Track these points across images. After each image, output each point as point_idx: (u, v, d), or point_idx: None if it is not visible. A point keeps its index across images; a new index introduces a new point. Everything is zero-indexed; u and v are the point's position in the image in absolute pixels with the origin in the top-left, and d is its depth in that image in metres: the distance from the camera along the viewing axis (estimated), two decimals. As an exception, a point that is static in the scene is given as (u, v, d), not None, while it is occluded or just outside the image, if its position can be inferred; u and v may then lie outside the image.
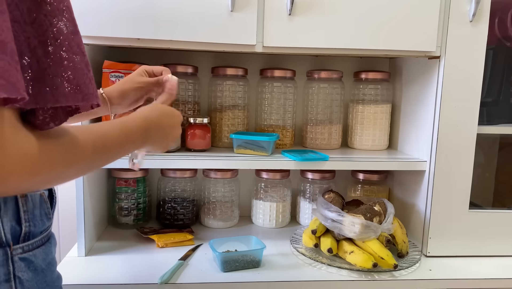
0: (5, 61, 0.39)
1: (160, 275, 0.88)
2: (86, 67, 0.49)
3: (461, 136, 1.00)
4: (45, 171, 0.48)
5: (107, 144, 0.59)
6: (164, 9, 0.91)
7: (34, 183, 0.48)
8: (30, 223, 0.55)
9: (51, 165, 0.49)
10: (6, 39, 0.40)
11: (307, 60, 1.28)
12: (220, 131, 1.15)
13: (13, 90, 0.39)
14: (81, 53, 0.48)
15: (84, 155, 0.54)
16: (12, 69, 0.40)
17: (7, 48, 0.40)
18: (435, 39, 0.97)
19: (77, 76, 0.47)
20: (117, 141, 0.61)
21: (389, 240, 0.97)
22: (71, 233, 1.31)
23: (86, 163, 0.55)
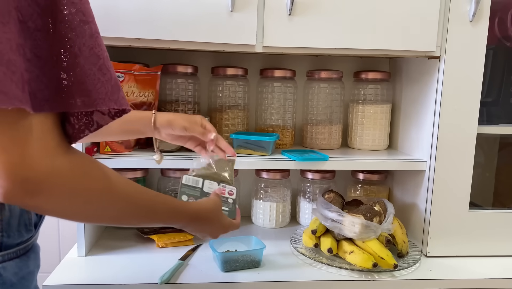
0: (0, 71, 0.40)
1: (160, 275, 0.88)
2: (103, 71, 0.49)
3: (461, 136, 1.00)
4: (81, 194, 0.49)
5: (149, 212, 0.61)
6: (164, 9, 0.91)
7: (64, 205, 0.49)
8: (3, 233, 0.52)
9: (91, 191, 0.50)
10: (4, 50, 0.41)
11: (307, 60, 1.28)
12: (220, 131, 1.15)
13: (6, 100, 0.40)
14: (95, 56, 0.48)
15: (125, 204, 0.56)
16: (6, 79, 0.40)
17: (3, 59, 0.40)
18: (435, 39, 0.97)
19: (106, 80, 0.48)
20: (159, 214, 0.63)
21: (389, 240, 0.97)
22: (71, 233, 1.31)
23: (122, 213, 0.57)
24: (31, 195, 0.45)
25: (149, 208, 0.61)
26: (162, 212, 0.64)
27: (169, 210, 0.65)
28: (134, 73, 1.02)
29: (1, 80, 0.40)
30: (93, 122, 0.52)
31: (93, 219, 0.58)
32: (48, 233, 1.32)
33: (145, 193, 0.60)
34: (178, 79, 1.13)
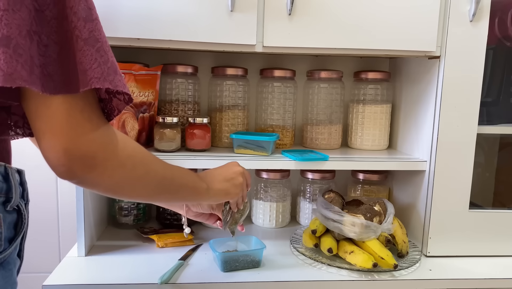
0: (7, 54, 0.44)
1: (160, 275, 0.88)
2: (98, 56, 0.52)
3: (461, 136, 1.00)
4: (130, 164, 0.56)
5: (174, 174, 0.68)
6: (164, 9, 0.91)
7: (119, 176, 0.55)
8: None
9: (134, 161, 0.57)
10: (12, 35, 0.45)
11: (307, 60, 1.28)
12: (220, 131, 1.15)
13: (10, 80, 0.44)
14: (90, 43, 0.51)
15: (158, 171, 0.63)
16: (12, 61, 0.44)
17: (10, 43, 0.45)
18: (435, 39, 0.97)
19: (103, 61, 0.51)
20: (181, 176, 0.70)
21: (389, 240, 0.97)
22: (71, 233, 1.31)
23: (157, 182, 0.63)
24: (89, 169, 0.50)
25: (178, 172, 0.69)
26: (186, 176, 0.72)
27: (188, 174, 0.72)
28: (134, 73, 1.02)
29: (6, 61, 0.44)
30: (115, 108, 0.57)
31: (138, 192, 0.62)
32: (48, 233, 1.32)
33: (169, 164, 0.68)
34: (178, 79, 1.13)
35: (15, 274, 0.58)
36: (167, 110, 1.14)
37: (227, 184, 0.80)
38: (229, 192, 0.81)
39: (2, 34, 0.44)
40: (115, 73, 0.52)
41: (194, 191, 0.74)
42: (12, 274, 0.56)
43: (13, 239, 0.56)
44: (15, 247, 0.57)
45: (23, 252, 0.61)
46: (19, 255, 0.60)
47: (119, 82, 0.53)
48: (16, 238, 0.57)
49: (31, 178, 0.70)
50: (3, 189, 0.54)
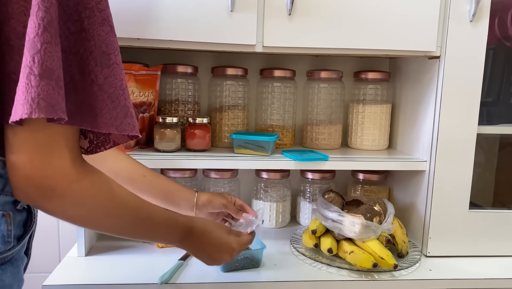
0: (50, 86, 0.47)
1: (160, 275, 0.88)
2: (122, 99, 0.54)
3: (461, 136, 1.00)
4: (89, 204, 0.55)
5: (148, 220, 0.65)
6: (164, 9, 0.91)
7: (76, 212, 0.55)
8: None
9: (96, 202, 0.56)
10: (55, 67, 0.47)
11: (307, 60, 1.28)
12: (220, 131, 1.15)
13: (52, 111, 0.46)
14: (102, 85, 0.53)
15: (126, 215, 0.61)
16: (54, 93, 0.47)
17: (53, 75, 0.47)
18: (435, 39, 0.97)
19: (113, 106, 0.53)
20: (157, 224, 0.67)
21: (389, 240, 0.97)
22: (71, 233, 1.31)
23: (124, 224, 0.62)
24: (45, 199, 0.51)
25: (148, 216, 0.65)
26: (159, 220, 0.68)
27: (166, 218, 0.69)
28: (134, 73, 1.02)
29: (50, 93, 0.46)
30: (109, 141, 0.59)
31: (96, 227, 0.62)
32: (48, 233, 1.32)
33: (145, 203, 0.65)
34: (178, 79, 1.13)
35: (22, 271, 0.59)
36: (167, 110, 1.14)
37: (202, 255, 0.77)
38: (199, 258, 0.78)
39: (46, 66, 0.46)
40: (124, 117, 0.55)
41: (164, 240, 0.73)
42: (20, 271, 0.58)
43: (21, 237, 0.58)
44: (23, 245, 0.59)
45: (30, 250, 0.63)
46: (27, 253, 0.62)
47: (126, 126, 0.55)
48: (24, 236, 0.58)
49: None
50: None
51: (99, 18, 0.52)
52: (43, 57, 0.46)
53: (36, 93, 0.45)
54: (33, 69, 0.46)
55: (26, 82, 0.46)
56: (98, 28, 0.52)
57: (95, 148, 0.60)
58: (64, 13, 0.50)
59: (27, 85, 0.46)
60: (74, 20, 0.51)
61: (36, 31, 0.46)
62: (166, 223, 0.69)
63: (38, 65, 0.46)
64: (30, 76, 0.46)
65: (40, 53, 0.46)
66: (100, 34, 0.52)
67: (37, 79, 0.46)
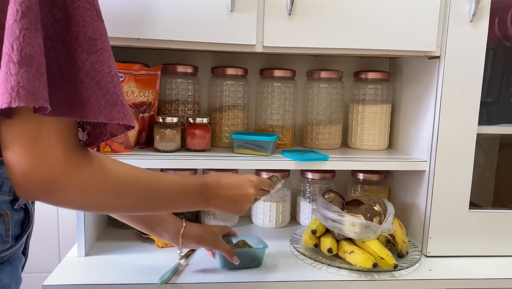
0: (30, 73, 0.44)
1: (160, 275, 0.88)
2: (111, 84, 0.52)
3: (461, 136, 1.00)
4: (95, 190, 0.54)
5: (160, 190, 0.64)
6: (164, 9, 0.91)
7: (83, 200, 0.54)
8: None
9: (101, 187, 0.55)
10: (35, 54, 0.45)
11: (307, 60, 1.28)
12: (220, 131, 1.15)
13: (33, 99, 0.44)
14: (90, 72, 0.51)
15: (135, 191, 0.60)
16: (35, 80, 0.45)
17: (34, 62, 0.45)
18: (435, 39, 0.97)
19: (101, 94, 0.51)
20: (171, 191, 0.67)
21: (389, 240, 0.97)
22: (71, 233, 1.31)
23: (136, 200, 0.61)
24: (48, 194, 0.50)
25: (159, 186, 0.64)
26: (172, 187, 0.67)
27: (179, 183, 0.69)
28: (134, 73, 1.02)
29: (30, 81, 0.44)
30: (106, 132, 0.57)
31: (109, 210, 0.62)
32: (48, 233, 1.32)
33: (152, 174, 0.64)
34: (178, 79, 1.13)
35: (20, 270, 0.59)
36: (167, 110, 1.14)
37: (230, 205, 0.77)
38: (227, 211, 0.78)
39: (26, 53, 0.44)
40: (113, 105, 0.52)
41: (187, 204, 0.72)
42: (18, 270, 0.58)
43: (19, 237, 0.58)
44: (21, 245, 0.59)
45: (27, 250, 0.63)
46: (24, 253, 0.62)
47: (117, 114, 0.52)
48: (22, 235, 0.58)
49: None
50: (12, 188, 0.54)
51: (84, 3, 0.50)
52: (22, 43, 0.44)
53: (16, 82, 0.44)
54: (12, 56, 0.44)
55: (6, 71, 0.44)
56: (83, 13, 0.50)
57: (93, 140, 0.58)
58: (48, 0, 0.48)
59: (6, 74, 0.44)
60: (59, 6, 0.49)
61: (14, 17, 0.44)
62: (181, 187, 0.69)
63: (17, 52, 0.44)
64: (9, 64, 0.44)
65: (19, 40, 0.44)
66: (85, 20, 0.50)
67: (16, 66, 0.44)
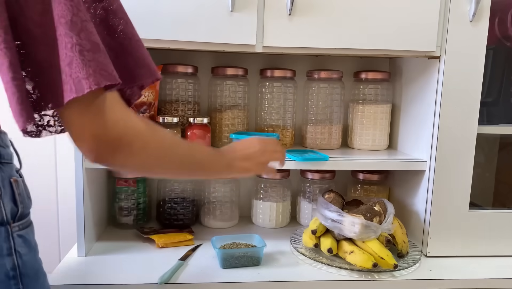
0: (101, 57, 0.51)
1: (160, 275, 0.88)
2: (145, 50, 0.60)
3: (461, 136, 1.00)
4: (153, 145, 0.60)
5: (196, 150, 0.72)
6: (164, 9, 0.91)
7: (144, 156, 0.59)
8: (23, 204, 0.60)
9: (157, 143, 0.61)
10: (98, 40, 0.52)
11: (307, 60, 1.28)
12: (220, 131, 1.15)
13: (113, 78, 0.51)
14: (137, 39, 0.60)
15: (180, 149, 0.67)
16: (108, 62, 0.52)
17: (100, 48, 0.52)
18: (435, 39, 0.97)
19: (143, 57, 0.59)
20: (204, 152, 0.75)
21: (389, 240, 0.97)
22: (71, 233, 1.30)
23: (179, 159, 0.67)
24: (116, 152, 0.55)
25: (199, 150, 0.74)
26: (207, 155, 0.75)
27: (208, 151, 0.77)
28: (134, 73, 1.01)
29: (105, 63, 0.51)
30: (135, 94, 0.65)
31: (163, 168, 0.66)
32: (48, 233, 1.32)
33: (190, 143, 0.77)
34: (178, 79, 1.13)
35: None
36: (167, 110, 1.14)
37: (248, 163, 0.81)
38: (250, 170, 0.82)
39: (93, 41, 0.51)
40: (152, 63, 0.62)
41: (216, 169, 0.77)
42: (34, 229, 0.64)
43: None
44: None
45: None
46: None
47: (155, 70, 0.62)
48: None
49: (31, 178, 0.70)
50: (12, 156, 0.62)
51: None
52: (87, 34, 0.50)
53: (96, 65, 0.50)
54: (83, 45, 0.50)
55: (81, 58, 0.49)
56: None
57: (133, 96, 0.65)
58: None
59: (83, 61, 0.49)
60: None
61: (72, 12, 0.50)
62: (209, 150, 0.79)
63: (86, 41, 0.50)
64: (83, 52, 0.50)
65: (84, 31, 0.50)
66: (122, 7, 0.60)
67: (90, 54, 0.50)
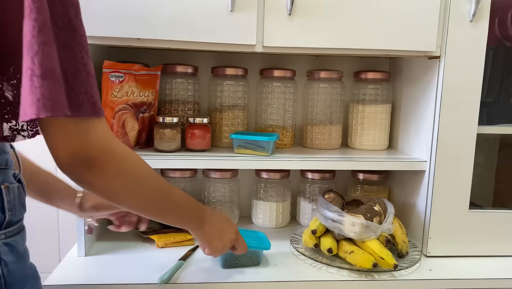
0: (52, 85, 0.49)
1: (160, 275, 0.88)
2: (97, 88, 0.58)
3: (461, 136, 1.00)
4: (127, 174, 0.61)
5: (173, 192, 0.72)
6: (164, 9, 0.91)
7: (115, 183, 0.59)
8: (12, 212, 0.59)
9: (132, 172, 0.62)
10: (54, 66, 0.50)
11: (307, 60, 1.28)
12: (220, 131, 1.15)
13: (58, 109, 0.49)
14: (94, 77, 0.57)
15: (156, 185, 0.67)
16: (57, 91, 0.50)
17: (54, 74, 0.49)
18: (435, 39, 0.97)
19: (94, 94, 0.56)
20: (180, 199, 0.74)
21: (389, 240, 0.97)
22: (71, 233, 1.30)
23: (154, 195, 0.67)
24: (89, 170, 0.56)
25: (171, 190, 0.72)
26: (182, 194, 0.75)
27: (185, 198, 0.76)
28: (134, 73, 1.02)
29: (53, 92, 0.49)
30: None
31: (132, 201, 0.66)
32: (48, 233, 1.32)
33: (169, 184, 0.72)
34: (178, 79, 1.13)
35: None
36: (167, 110, 1.14)
37: (216, 234, 0.83)
38: (211, 242, 0.83)
39: (46, 66, 0.49)
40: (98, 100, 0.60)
41: (187, 219, 0.77)
42: (25, 236, 0.64)
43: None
44: None
45: None
46: None
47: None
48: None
49: (31, 178, 0.70)
50: (12, 163, 0.62)
51: (81, 14, 0.55)
52: (42, 58, 0.48)
53: (41, 94, 0.48)
54: (34, 70, 0.48)
55: (30, 84, 0.48)
56: (82, 23, 0.55)
57: None
58: (51, 10, 0.51)
59: (31, 86, 0.48)
60: (60, 15, 0.52)
61: (31, 33, 0.48)
62: (186, 200, 0.76)
63: (38, 66, 0.48)
64: (33, 77, 0.48)
65: (39, 54, 0.48)
66: (85, 29, 0.55)
67: (39, 80, 0.48)
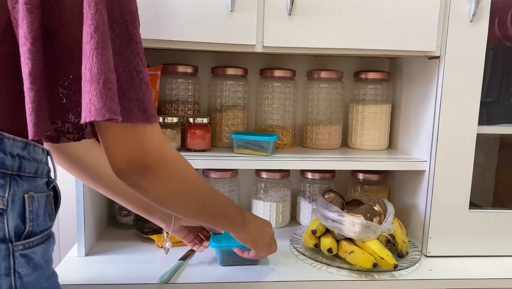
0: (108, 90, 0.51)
1: (160, 275, 0.88)
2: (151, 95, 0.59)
3: (461, 136, 1.00)
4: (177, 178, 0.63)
5: (216, 196, 0.75)
6: (164, 9, 0.91)
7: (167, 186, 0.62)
8: (33, 223, 0.58)
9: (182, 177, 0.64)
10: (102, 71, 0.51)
11: (307, 60, 1.28)
12: (220, 131, 1.15)
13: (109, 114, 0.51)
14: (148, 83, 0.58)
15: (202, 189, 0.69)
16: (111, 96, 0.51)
17: (109, 80, 0.51)
18: (435, 39, 0.97)
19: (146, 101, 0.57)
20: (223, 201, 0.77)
21: (389, 240, 0.97)
22: (71, 233, 1.30)
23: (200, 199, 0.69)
24: (143, 177, 0.58)
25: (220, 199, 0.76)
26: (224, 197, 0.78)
27: (228, 200, 0.79)
28: (134, 73, 1.01)
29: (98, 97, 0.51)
30: None
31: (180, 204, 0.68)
32: (48, 233, 1.32)
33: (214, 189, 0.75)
34: (178, 79, 1.13)
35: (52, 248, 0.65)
36: (167, 110, 1.14)
37: (258, 235, 0.86)
38: (256, 241, 0.86)
39: (93, 71, 0.50)
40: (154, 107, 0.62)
41: (232, 221, 0.80)
42: (55, 242, 0.65)
43: (56, 213, 0.66)
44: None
45: None
46: None
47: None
48: (57, 211, 0.66)
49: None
50: (48, 171, 0.63)
51: (138, 22, 0.57)
52: (91, 63, 0.50)
53: (88, 99, 0.50)
54: (85, 75, 0.51)
55: (83, 89, 0.51)
56: (139, 31, 0.57)
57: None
58: (109, 16, 0.53)
59: (83, 92, 0.51)
60: (118, 22, 0.54)
61: (86, 39, 0.51)
62: (230, 203, 0.79)
63: (88, 71, 0.50)
64: (84, 83, 0.51)
65: (90, 60, 0.50)
66: (140, 37, 0.57)
67: (87, 85, 0.51)
